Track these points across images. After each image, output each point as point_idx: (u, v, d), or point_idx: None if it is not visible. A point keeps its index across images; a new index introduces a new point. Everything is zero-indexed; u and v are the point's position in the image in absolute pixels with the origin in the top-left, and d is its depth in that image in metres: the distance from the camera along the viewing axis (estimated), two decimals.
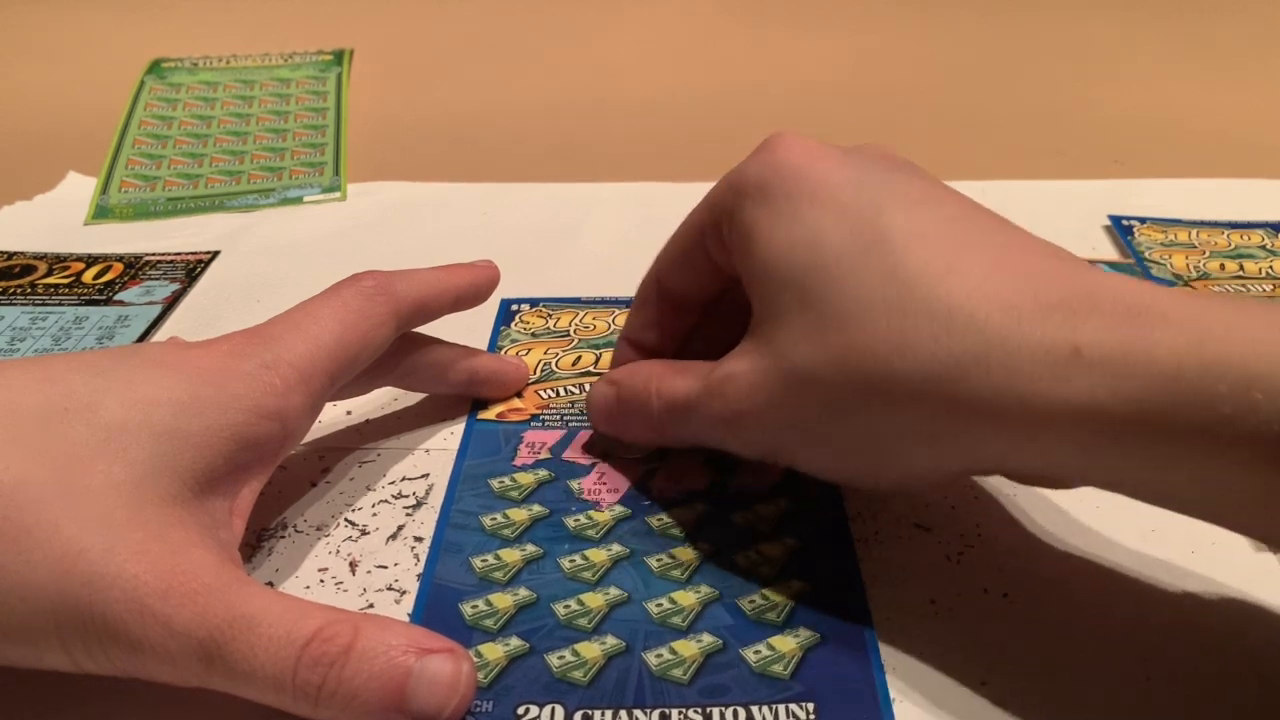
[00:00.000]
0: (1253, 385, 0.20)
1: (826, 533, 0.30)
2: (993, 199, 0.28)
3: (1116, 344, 0.21)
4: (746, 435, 0.28)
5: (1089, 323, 0.22)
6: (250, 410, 0.26)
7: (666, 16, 0.83)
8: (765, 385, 0.26)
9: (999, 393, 0.22)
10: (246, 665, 0.22)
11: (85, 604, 0.22)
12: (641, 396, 0.30)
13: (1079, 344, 0.22)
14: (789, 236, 0.26)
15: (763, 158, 0.28)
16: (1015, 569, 0.29)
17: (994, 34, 0.78)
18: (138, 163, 0.58)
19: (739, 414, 0.27)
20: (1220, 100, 0.64)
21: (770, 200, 0.27)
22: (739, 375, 0.27)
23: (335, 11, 0.83)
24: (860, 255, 0.25)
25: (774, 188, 0.27)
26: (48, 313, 0.43)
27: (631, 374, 0.31)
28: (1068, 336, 0.22)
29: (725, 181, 0.29)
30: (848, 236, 0.25)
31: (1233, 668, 0.26)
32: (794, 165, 0.27)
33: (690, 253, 0.31)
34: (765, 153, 0.28)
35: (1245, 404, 0.20)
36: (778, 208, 0.27)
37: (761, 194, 0.27)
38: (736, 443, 0.28)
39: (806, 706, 0.25)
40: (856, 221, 0.25)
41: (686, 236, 0.31)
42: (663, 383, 0.30)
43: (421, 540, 0.31)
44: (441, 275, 0.33)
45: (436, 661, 0.23)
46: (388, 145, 0.60)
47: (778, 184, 0.27)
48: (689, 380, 0.29)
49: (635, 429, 0.32)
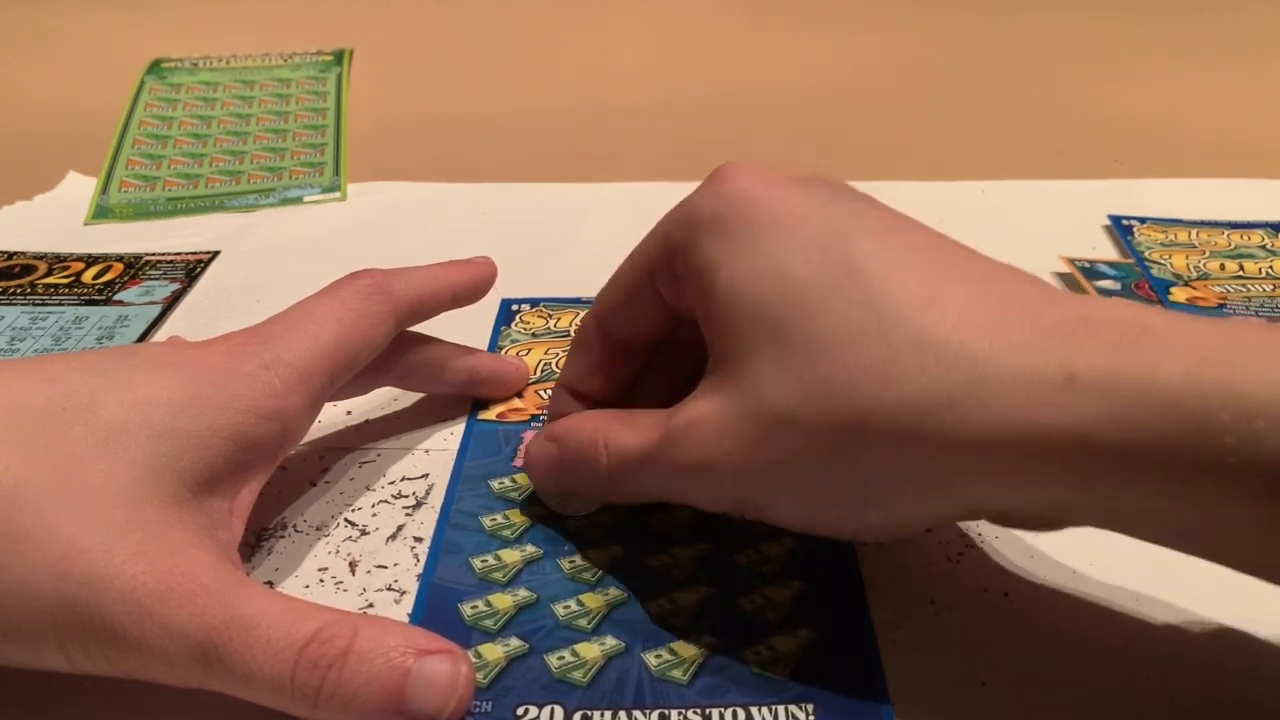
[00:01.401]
0: (1255, 414, 0.19)
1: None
2: (993, 199, 0.28)
3: (1113, 369, 0.20)
4: (713, 486, 0.26)
5: (1084, 348, 0.21)
6: (250, 410, 0.26)
7: (666, 17, 0.83)
8: (735, 429, 0.24)
9: (993, 424, 0.21)
10: (245, 667, 0.22)
11: (84, 605, 0.22)
12: (589, 452, 0.28)
13: (1074, 370, 0.21)
14: (753, 269, 0.24)
15: (715, 189, 0.26)
16: (1015, 569, 0.29)
17: (994, 34, 0.78)
18: (138, 163, 0.58)
19: (706, 462, 0.25)
20: (1220, 100, 0.64)
21: (728, 232, 0.25)
22: (703, 420, 0.25)
23: (335, 11, 0.83)
24: (834, 286, 0.23)
25: (731, 219, 0.25)
26: (48, 313, 0.43)
27: (575, 428, 0.29)
28: (1062, 363, 0.21)
29: (674, 215, 0.27)
30: (818, 267, 0.24)
31: (1233, 668, 0.26)
32: (750, 194, 0.25)
33: (636, 292, 0.29)
34: (717, 183, 0.26)
35: (1248, 433, 0.19)
36: (737, 240, 0.25)
37: (718, 226, 0.25)
38: (702, 495, 0.26)
39: (806, 707, 0.25)
40: (825, 251, 0.24)
41: (632, 275, 0.29)
42: (611, 435, 0.27)
43: (421, 540, 0.31)
44: (439, 273, 0.33)
45: (435, 662, 0.23)
46: (388, 145, 0.60)
47: (735, 215, 0.25)
48: (642, 431, 0.27)
49: (583, 486, 0.29)
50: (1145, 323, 0.21)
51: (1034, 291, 0.23)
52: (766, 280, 0.24)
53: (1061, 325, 0.22)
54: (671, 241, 0.27)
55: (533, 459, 0.30)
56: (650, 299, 0.29)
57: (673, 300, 0.28)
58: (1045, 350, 0.21)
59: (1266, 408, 0.19)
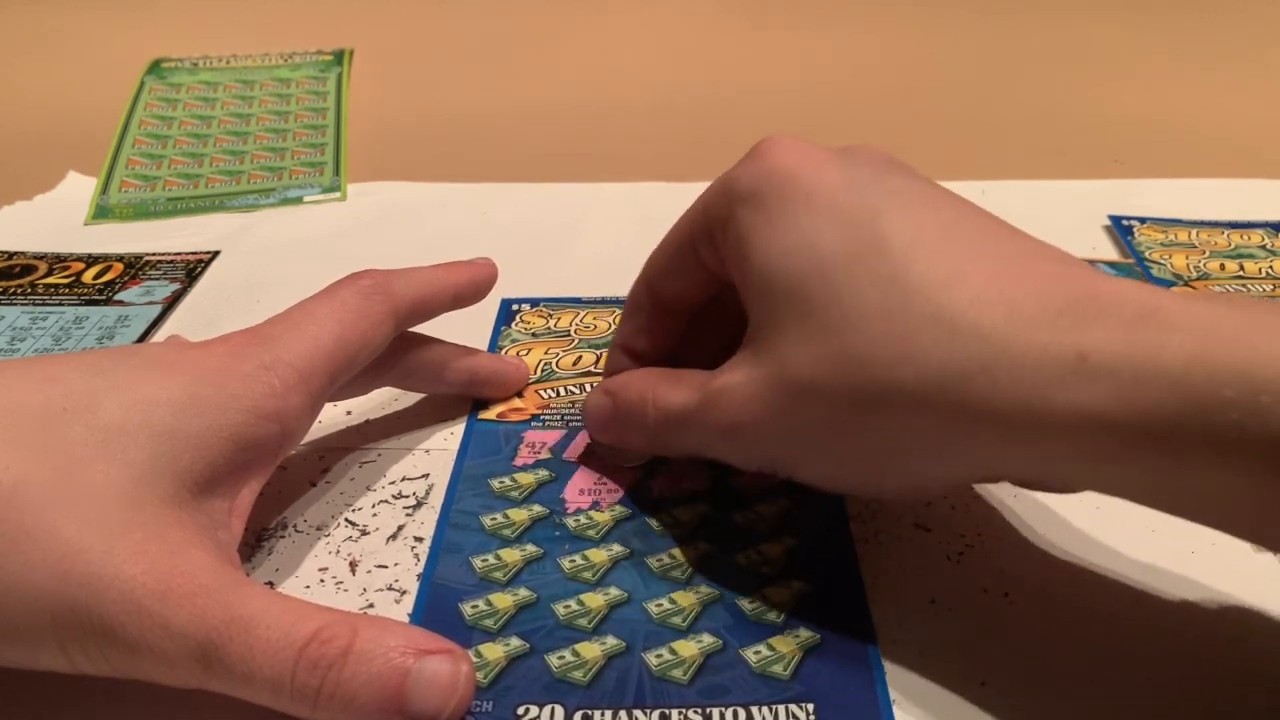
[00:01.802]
0: (1260, 390, 0.19)
1: (826, 533, 0.30)
2: (993, 199, 0.28)
3: (1123, 349, 0.21)
4: (745, 447, 0.27)
5: (1095, 328, 0.22)
6: (249, 411, 0.26)
7: (666, 17, 0.83)
8: (763, 396, 0.26)
9: (1005, 400, 0.22)
10: (244, 667, 0.22)
11: (83, 605, 0.22)
12: (637, 407, 0.30)
13: (1085, 350, 0.21)
14: (784, 243, 0.26)
15: (755, 163, 0.27)
16: (1015, 569, 0.29)
17: (994, 34, 0.78)
18: (138, 163, 0.58)
19: (737, 426, 0.27)
20: (1220, 100, 0.64)
21: (764, 206, 0.26)
22: (736, 387, 0.27)
23: (335, 11, 0.83)
24: (858, 262, 0.24)
25: (767, 193, 0.26)
26: (48, 313, 0.43)
27: (626, 384, 0.31)
28: (1074, 342, 0.22)
29: (717, 186, 0.28)
30: (845, 242, 0.25)
31: (1233, 668, 0.26)
32: (787, 169, 0.26)
33: (681, 258, 0.30)
34: (757, 158, 0.27)
35: (1253, 409, 0.19)
36: (772, 214, 0.26)
37: (755, 200, 0.27)
38: (735, 454, 0.28)
39: (806, 707, 0.25)
40: (853, 226, 0.25)
41: (677, 242, 0.30)
42: (658, 393, 0.29)
43: (421, 540, 0.31)
44: (440, 273, 0.33)
45: (435, 662, 0.23)
46: (388, 145, 0.60)
47: (771, 189, 0.26)
48: (685, 391, 0.29)
49: (632, 439, 0.31)
50: (1155, 303, 0.22)
51: (1052, 269, 0.24)
52: (797, 256, 0.25)
53: (1075, 304, 0.22)
54: (713, 212, 0.28)
55: (589, 410, 0.32)
56: (694, 265, 0.30)
57: (714, 267, 0.29)
58: (1058, 329, 0.22)
59: (1271, 384, 0.19)
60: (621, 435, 0.31)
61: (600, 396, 0.32)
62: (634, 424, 0.30)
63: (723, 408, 0.27)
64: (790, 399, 0.25)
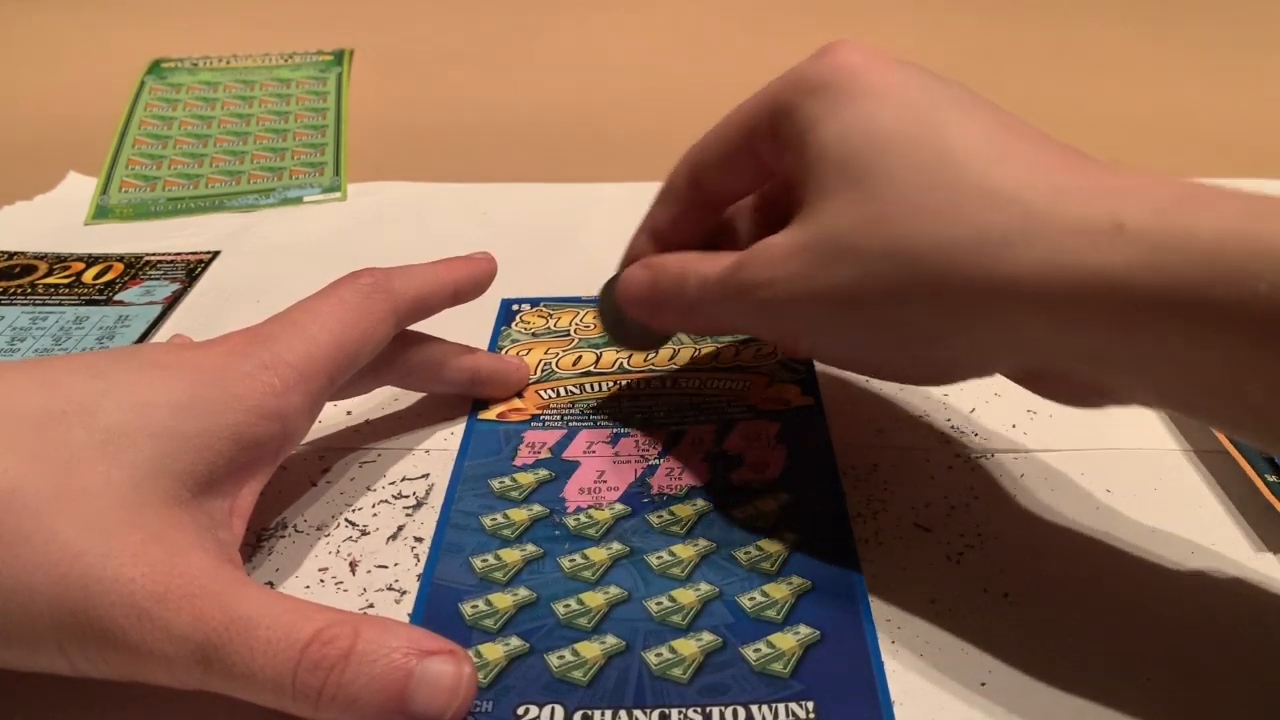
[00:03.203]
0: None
1: (827, 531, 0.30)
2: None
3: (1159, 221, 0.22)
4: (772, 309, 0.27)
5: (1133, 203, 0.22)
6: (250, 410, 0.26)
7: (666, 17, 0.83)
8: (800, 253, 0.26)
9: (1041, 264, 0.23)
10: (245, 668, 0.22)
11: (83, 608, 0.22)
12: (678, 280, 0.30)
13: (1123, 220, 0.22)
14: (847, 125, 0.26)
15: (824, 60, 0.28)
16: (1015, 569, 0.29)
17: (994, 34, 0.78)
18: (138, 163, 0.58)
19: (769, 282, 0.27)
20: (1220, 100, 0.64)
21: (831, 97, 0.27)
22: (775, 245, 0.27)
23: (335, 11, 0.83)
24: (912, 141, 0.25)
25: (834, 85, 0.27)
26: (48, 313, 0.43)
27: (666, 260, 0.31)
28: (1112, 213, 0.22)
29: (783, 81, 0.29)
30: (903, 125, 0.26)
31: (1232, 667, 0.26)
32: (854, 66, 0.27)
33: (734, 151, 0.30)
34: (826, 55, 0.28)
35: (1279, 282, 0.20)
36: (837, 103, 0.27)
37: (823, 91, 0.27)
38: (761, 319, 0.28)
39: (806, 705, 0.25)
40: (912, 111, 0.26)
41: (733, 134, 0.30)
42: (698, 265, 0.30)
43: (421, 540, 0.31)
44: (439, 270, 0.33)
45: (437, 663, 0.23)
46: (388, 145, 0.60)
47: (839, 82, 0.27)
48: (722, 262, 0.29)
49: (667, 313, 0.31)
50: (1195, 190, 0.22)
51: (1096, 162, 0.25)
52: (856, 134, 0.26)
53: (1118, 185, 0.23)
54: (778, 103, 0.28)
55: (626, 283, 0.32)
56: (746, 158, 0.30)
57: (770, 160, 0.29)
58: (1098, 203, 0.23)
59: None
60: (658, 309, 0.32)
61: (639, 270, 0.32)
62: (673, 296, 0.30)
63: (757, 265, 0.27)
64: (829, 258, 0.26)
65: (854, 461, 0.33)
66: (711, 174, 0.31)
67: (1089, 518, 0.31)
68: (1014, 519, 0.31)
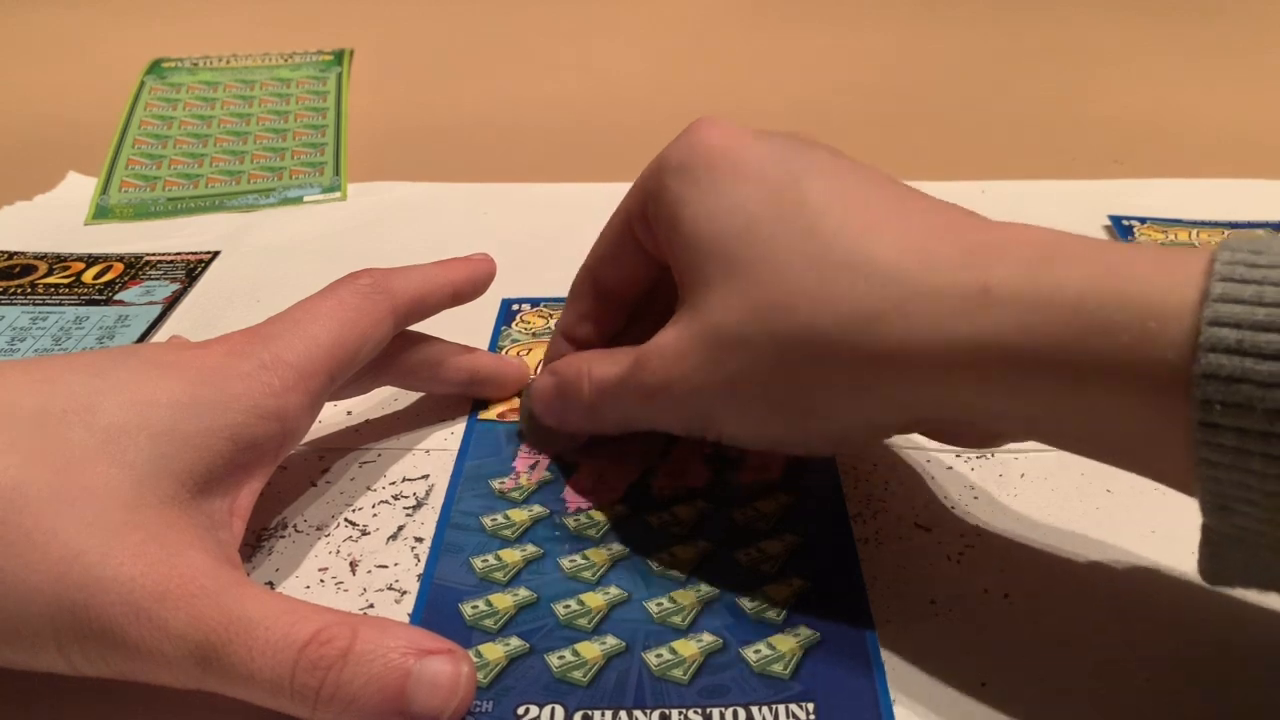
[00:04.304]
0: (1149, 316, 0.20)
1: (827, 532, 0.30)
2: (993, 199, 0.28)
3: (1024, 281, 0.22)
4: (675, 406, 0.28)
5: (999, 265, 0.23)
6: (249, 410, 0.26)
7: (666, 16, 0.83)
8: (693, 352, 0.27)
9: (916, 336, 0.23)
10: (244, 668, 0.22)
11: (82, 607, 0.22)
12: (575, 382, 0.31)
13: (989, 284, 0.23)
14: (712, 208, 0.27)
15: (685, 140, 0.28)
16: (1015, 569, 0.29)
17: (994, 34, 0.78)
18: (138, 163, 0.58)
19: (667, 382, 0.27)
20: (1220, 100, 0.64)
21: (693, 177, 0.28)
22: (667, 345, 0.28)
23: (335, 11, 0.83)
24: (781, 219, 0.26)
25: (697, 165, 0.28)
26: (48, 313, 0.43)
27: (567, 363, 0.32)
28: (979, 278, 0.23)
29: (650, 166, 0.30)
30: (768, 203, 0.26)
31: (1232, 668, 0.26)
32: (715, 144, 0.28)
33: (619, 243, 0.31)
34: (687, 135, 0.29)
35: (1142, 332, 0.21)
36: (701, 183, 0.27)
37: (685, 172, 0.28)
38: (665, 415, 0.29)
39: (806, 706, 0.25)
40: (776, 189, 0.26)
41: (615, 226, 0.31)
42: (594, 367, 0.30)
43: (422, 541, 0.31)
44: (438, 270, 0.33)
45: (436, 663, 0.23)
46: (388, 145, 0.60)
47: (700, 161, 0.28)
48: (619, 361, 0.29)
49: (572, 416, 0.32)
50: (1059, 243, 0.23)
51: (964, 220, 0.25)
52: (724, 217, 0.27)
53: (983, 246, 0.24)
54: (645, 189, 0.29)
55: (535, 391, 0.33)
56: (632, 249, 0.31)
57: (649, 246, 0.30)
58: (964, 268, 0.23)
59: (1159, 309, 0.20)
60: (564, 415, 0.32)
61: (544, 377, 0.33)
62: (572, 399, 0.31)
63: (653, 367, 0.28)
64: (718, 351, 0.26)
65: (854, 461, 0.33)
66: (604, 269, 0.32)
67: (1089, 518, 0.31)
68: (1014, 519, 0.31)
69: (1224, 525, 0.22)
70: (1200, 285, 0.20)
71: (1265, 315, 0.19)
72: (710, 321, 0.26)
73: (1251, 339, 0.19)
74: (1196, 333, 0.20)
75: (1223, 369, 0.20)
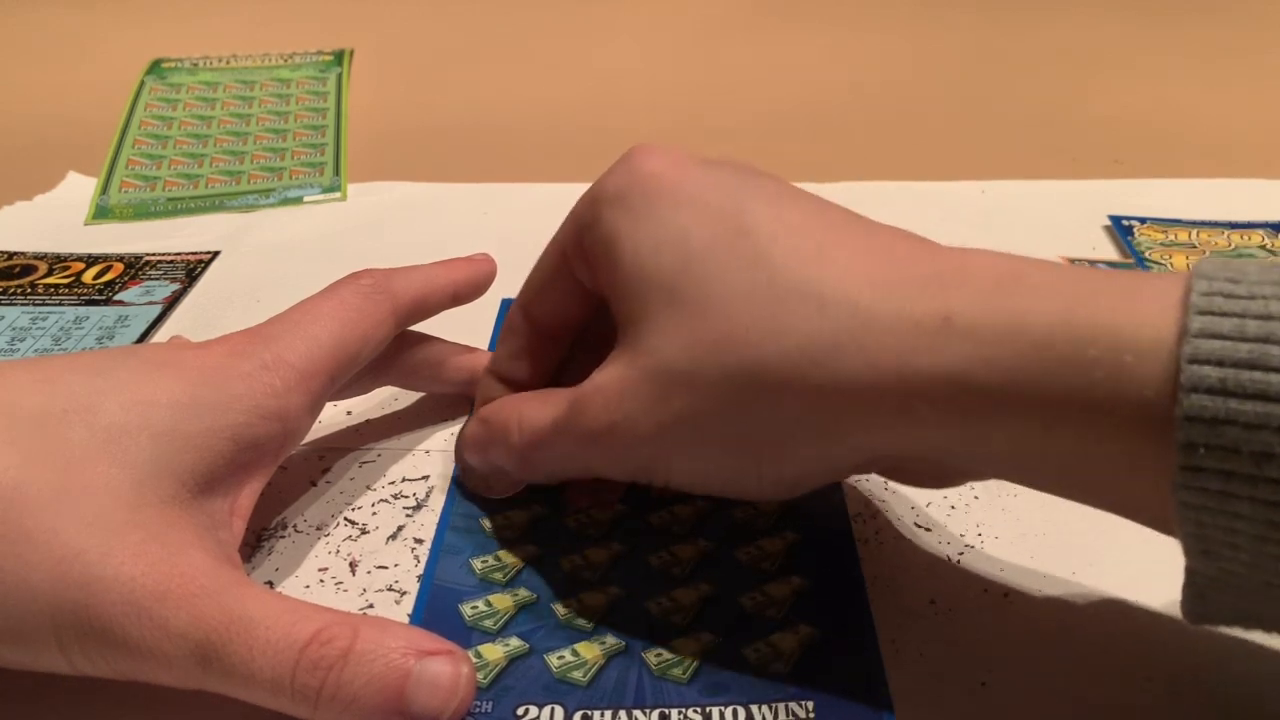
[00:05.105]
0: (1124, 349, 0.19)
1: (827, 531, 0.30)
2: (993, 199, 0.28)
3: (986, 313, 0.21)
4: (618, 450, 0.26)
5: (958, 294, 0.22)
6: (250, 411, 0.26)
7: (666, 16, 0.83)
8: (636, 390, 0.25)
9: (874, 368, 0.22)
10: (244, 668, 0.22)
11: (82, 607, 0.22)
12: (503, 428, 0.29)
13: (949, 314, 0.21)
14: (653, 239, 0.25)
15: (621, 168, 0.27)
16: (1015, 569, 0.29)
17: (994, 34, 0.78)
18: (138, 163, 0.58)
19: (610, 426, 0.25)
20: (1220, 100, 0.64)
21: (630, 207, 0.26)
22: (607, 384, 0.26)
23: (335, 11, 0.83)
24: (725, 248, 0.24)
25: (634, 194, 0.26)
26: (48, 313, 0.43)
27: (497, 408, 0.30)
28: (938, 307, 0.22)
29: (585, 196, 0.28)
30: (712, 233, 0.25)
31: (1231, 668, 0.26)
32: (654, 172, 0.26)
33: (554, 276, 0.30)
34: (624, 163, 0.27)
35: (1116, 367, 0.19)
36: (638, 213, 0.26)
37: (622, 201, 0.26)
38: (607, 460, 0.27)
39: (806, 705, 0.25)
40: (719, 217, 0.25)
41: (550, 258, 0.30)
42: (525, 411, 0.28)
43: (422, 541, 0.31)
44: (439, 270, 0.33)
45: (436, 663, 0.23)
46: (388, 145, 0.60)
47: (637, 190, 0.26)
48: (552, 405, 0.27)
49: (503, 464, 0.30)
50: (1020, 270, 0.22)
51: (916, 245, 0.24)
52: (666, 248, 0.25)
53: (940, 273, 0.22)
54: (580, 219, 0.28)
55: (464, 439, 0.31)
56: (567, 282, 0.29)
57: (585, 279, 0.29)
58: (923, 297, 0.22)
59: (1134, 343, 0.19)
60: (493, 461, 0.30)
61: (475, 425, 0.31)
62: (501, 447, 0.29)
63: (594, 411, 0.26)
64: (664, 390, 0.24)
65: None
66: (537, 303, 0.30)
67: (1089, 518, 0.31)
68: (1014, 519, 0.31)
69: (1209, 569, 0.21)
70: (1177, 318, 0.19)
71: (1248, 352, 0.18)
72: (654, 358, 0.25)
73: (1235, 377, 0.18)
74: (1176, 370, 0.19)
75: (1206, 410, 0.18)
